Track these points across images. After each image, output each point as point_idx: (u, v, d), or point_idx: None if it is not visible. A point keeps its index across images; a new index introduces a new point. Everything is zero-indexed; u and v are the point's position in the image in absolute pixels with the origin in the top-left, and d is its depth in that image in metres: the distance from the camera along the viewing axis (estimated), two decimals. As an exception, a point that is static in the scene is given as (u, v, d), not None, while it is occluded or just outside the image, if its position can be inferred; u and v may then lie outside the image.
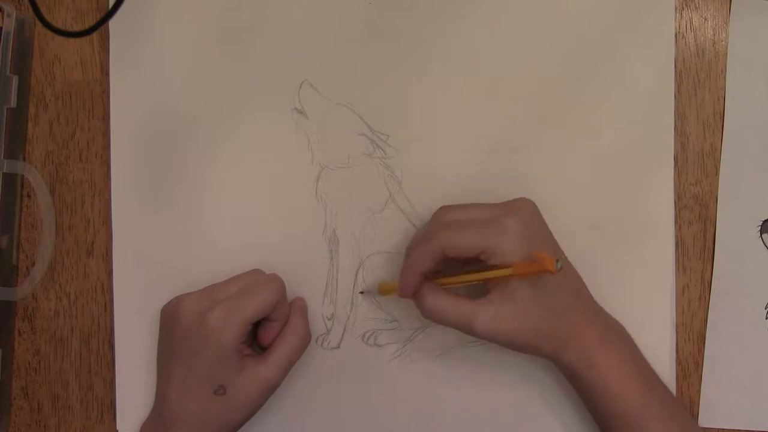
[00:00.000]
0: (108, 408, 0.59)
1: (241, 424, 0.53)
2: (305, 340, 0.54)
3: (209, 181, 0.58)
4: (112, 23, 0.58)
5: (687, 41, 0.56)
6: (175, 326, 0.52)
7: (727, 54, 0.56)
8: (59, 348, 0.59)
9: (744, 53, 0.56)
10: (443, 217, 0.52)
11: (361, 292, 0.57)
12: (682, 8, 0.56)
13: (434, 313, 0.50)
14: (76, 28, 0.59)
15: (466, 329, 0.49)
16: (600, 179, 0.56)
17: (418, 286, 0.51)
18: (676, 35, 0.56)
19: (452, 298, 0.50)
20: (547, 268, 0.45)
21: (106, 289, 0.59)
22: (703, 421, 0.56)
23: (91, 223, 0.59)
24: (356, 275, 0.57)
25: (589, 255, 0.55)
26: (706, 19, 0.56)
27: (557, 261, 0.45)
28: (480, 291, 0.51)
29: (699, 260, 0.56)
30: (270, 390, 0.53)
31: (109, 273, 0.59)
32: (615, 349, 0.51)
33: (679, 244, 0.56)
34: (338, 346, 0.57)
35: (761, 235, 0.56)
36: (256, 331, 0.54)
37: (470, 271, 0.50)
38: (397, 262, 0.56)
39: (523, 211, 0.50)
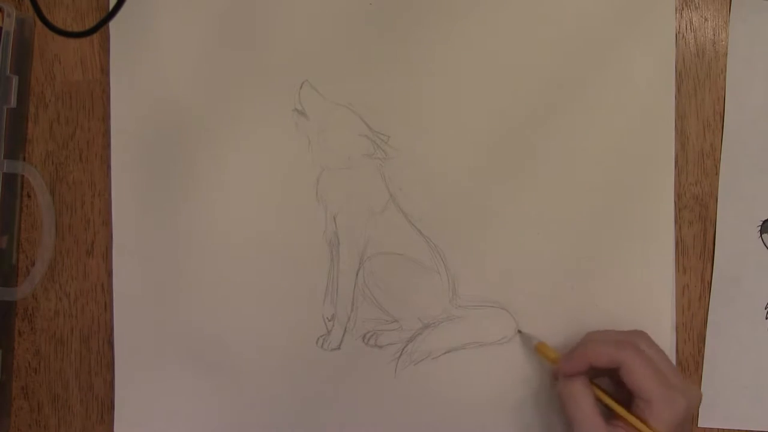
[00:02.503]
0: (108, 408, 0.59)
1: None
2: None
3: (209, 181, 0.58)
4: (113, 24, 0.58)
5: (687, 41, 0.56)
6: None
7: (727, 54, 0.56)
8: (59, 348, 0.59)
9: (744, 53, 0.56)
10: (592, 335, 0.54)
11: (519, 331, 0.57)
12: (682, 8, 0.56)
13: (572, 398, 0.51)
14: (76, 28, 0.59)
15: None
16: (600, 179, 0.56)
17: (575, 374, 0.52)
18: (676, 35, 0.56)
19: (595, 404, 0.51)
20: None
21: (106, 289, 0.59)
22: (703, 420, 0.56)
23: (91, 223, 0.59)
24: (357, 276, 0.57)
25: (589, 255, 0.56)
26: (706, 19, 0.56)
27: None
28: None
29: (699, 260, 0.56)
30: None
31: (109, 273, 0.59)
32: None
33: (679, 244, 0.56)
34: (339, 347, 0.57)
35: (761, 235, 0.56)
36: None
37: (616, 401, 0.51)
38: (398, 262, 0.56)
39: (646, 338, 0.52)
